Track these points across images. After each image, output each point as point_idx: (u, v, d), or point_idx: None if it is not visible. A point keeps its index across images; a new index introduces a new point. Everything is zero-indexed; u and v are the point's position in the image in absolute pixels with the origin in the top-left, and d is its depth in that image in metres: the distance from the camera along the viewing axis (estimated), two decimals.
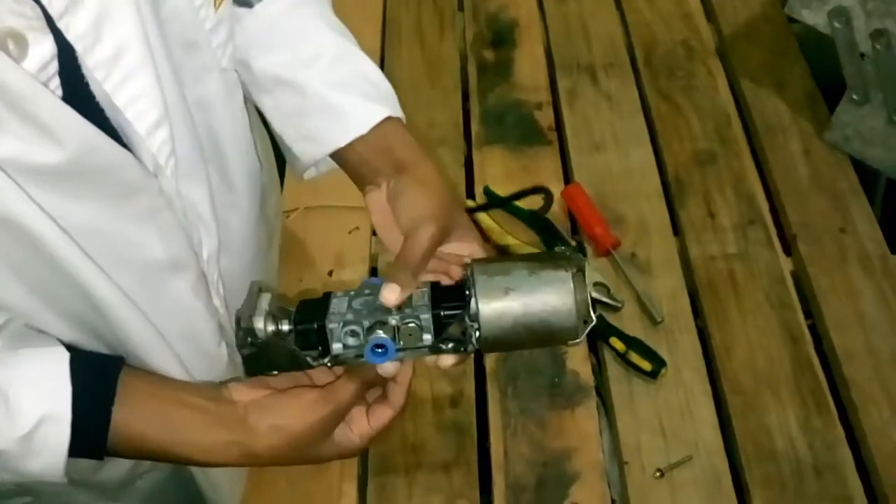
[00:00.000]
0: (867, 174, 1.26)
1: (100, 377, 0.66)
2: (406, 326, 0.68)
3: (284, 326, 0.69)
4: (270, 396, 0.69)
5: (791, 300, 1.11)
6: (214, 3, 0.73)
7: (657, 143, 1.29)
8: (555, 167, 1.26)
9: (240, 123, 0.81)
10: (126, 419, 0.66)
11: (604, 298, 1.09)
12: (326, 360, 0.69)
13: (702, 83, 1.36)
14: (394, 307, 0.67)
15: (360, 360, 0.69)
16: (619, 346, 1.05)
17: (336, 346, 0.68)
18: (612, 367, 1.05)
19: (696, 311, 1.11)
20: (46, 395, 0.63)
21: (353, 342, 0.68)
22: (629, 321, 1.08)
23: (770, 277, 1.13)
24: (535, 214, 1.19)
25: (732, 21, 1.45)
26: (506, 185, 1.23)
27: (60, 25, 0.59)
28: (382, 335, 0.67)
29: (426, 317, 0.68)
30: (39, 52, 0.57)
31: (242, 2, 0.81)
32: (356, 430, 0.72)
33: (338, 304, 0.69)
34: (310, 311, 0.69)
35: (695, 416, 1.01)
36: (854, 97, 1.20)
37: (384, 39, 1.44)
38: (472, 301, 0.67)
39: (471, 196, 1.23)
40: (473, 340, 0.68)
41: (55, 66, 0.59)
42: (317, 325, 0.68)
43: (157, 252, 0.70)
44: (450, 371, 1.03)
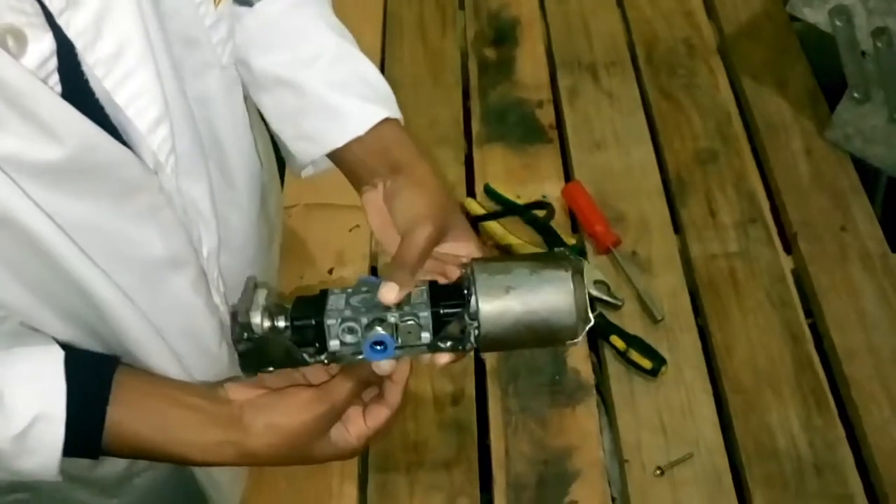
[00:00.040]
0: (868, 172, 1.25)
1: (95, 376, 0.66)
2: (405, 324, 0.67)
3: (281, 322, 0.69)
4: (266, 395, 0.69)
5: (792, 299, 1.11)
6: (214, 0, 0.73)
7: (658, 142, 1.29)
8: (555, 165, 1.26)
9: (240, 121, 0.81)
10: (121, 418, 0.66)
11: (604, 296, 1.09)
12: (323, 357, 0.69)
13: (703, 81, 1.36)
14: (392, 305, 0.67)
15: (357, 358, 0.69)
16: (620, 345, 1.05)
17: (333, 343, 0.68)
18: (613, 366, 1.05)
19: (697, 310, 1.11)
20: (40, 394, 0.63)
21: (351, 339, 0.68)
22: (630, 319, 1.08)
23: (771, 276, 1.13)
24: (537, 221, 1.18)
25: (734, 19, 1.45)
26: (506, 184, 1.23)
27: (60, 22, 0.58)
28: (382, 332, 0.67)
29: (425, 315, 0.68)
30: (39, 49, 0.57)
31: (242, 0, 0.81)
32: (353, 431, 0.72)
33: (335, 301, 0.69)
34: (307, 308, 0.69)
35: (695, 415, 1.01)
36: (855, 95, 1.20)
37: (385, 37, 1.44)
38: (473, 299, 0.67)
39: (471, 194, 1.23)
40: (472, 339, 0.68)
41: (54, 63, 0.59)
42: (314, 322, 0.68)
43: (158, 250, 0.70)
44: (451, 369, 1.04)
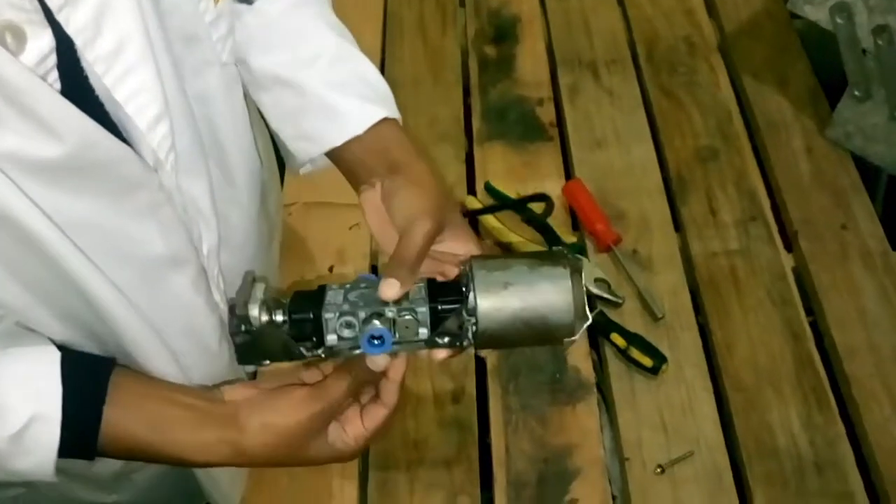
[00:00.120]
0: (869, 171, 1.25)
1: (91, 377, 0.66)
2: (403, 319, 0.67)
3: (278, 317, 0.69)
4: (261, 394, 0.70)
5: (792, 297, 1.11)
6: None
7: (658, 140, 1.29)
8: (556, 163, 1.26)
9: (240, 118, 0.81)
10: (117, 419, 0.65)
11: (605, 294, 1.09)
12: (320, 351, 0.69)
13: (703, 79, 1.36)
14: (392, 301, 0.67)
15: (354, 353, 0.69)
16: (620, 343, 1.04)
17: (330, 338, 0.68)
18: (613, 364, 1.05)
19: (698, 308, 1.11)
20: (36, 395, 0.63)
21: (348, 334, 0.68)
22: (630, 317, 1.08)
23: (771, 274, 1.13)
24: (535, 218, 1.18)
25: (734, 17, 1.44)
26: (507, 181, 1.23)
27: (60, 18, 0.58)
28: (380, 325, 0.67)
29: (423, 310, 0.68)
30: (38, 46, 0.57)
31: None
32: (351, 432, 0.72)
33: (333, 296, 0.69)
34: (304, 302, 0.69)
35: (696, 413, 1.01)
36: (856, 93, 1.20)
37: (385, 35, 1.44)
38: (471, 295, 0.67)
39: (472, 192, 1.23)
40: (470, 335, 0.68)
41: (54, 60, 0.58)
42: (312, 315, 0.68)
43: (158, 247, 0.70)
44: (451, 368, 1.04)
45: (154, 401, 0.68)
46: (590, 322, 0.68)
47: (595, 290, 1.09)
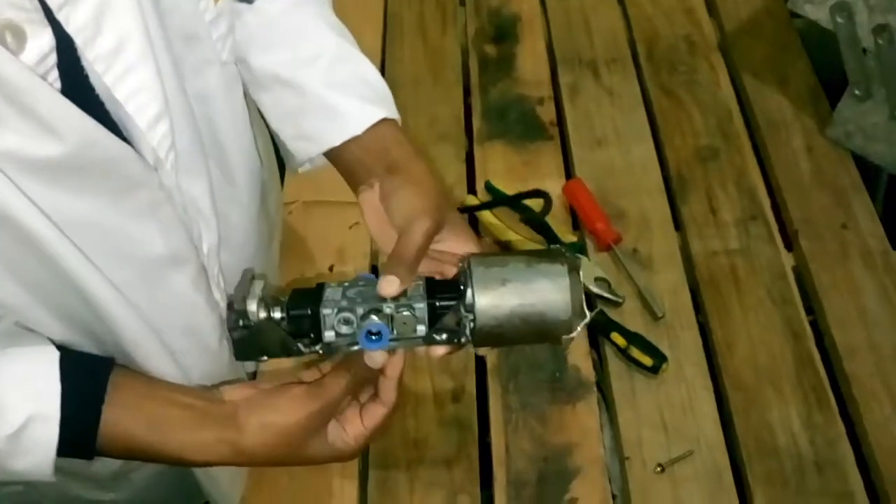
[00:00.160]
0: (869, 170, 1.25)
1: (90, 377, 0.66)
2: (400, 315, 0.68)
3: (277, 314, 0.69)
4: (260, 394, 0.70)
5: (792, 296, 1.11)
6: None
7: (659, 139, 1.29)
8: (556, 162, 1.26)
9: (240, 117, 0.81)
10: (116, 419, 0.65)
11: (605, 294, 1.09)
12: (318, 348, 0.69)
13: (704, 78, 1.36)
14: (390, 298, 0.68)
15: (352, 349, 0.69)
16: (620, 342, 1.04)
17: (328, 334, 0.68)
18: (613, 363, 1.05)
19: (698, 307, 1.11)
20: (35, 394, 0.63)
21: (346, 330, 0.68)
22: (630, 316, 1.08)
23: (771, 273, 1.13)
24: (533, 218, 1.18)
25: (734, 16, 1.44)
26: (507, 181, 1.22)
27: (60, 17, 0.58)
28: (378, 321, 0.67)
29: (421, 306, 0.68)
30: (38, 45, 0.57)
31: None
32: (351, 432, 0.72)
33: (332, 293, 0.69)
34: (303, 299, 0.70)
35: (696, 412, 1.01)
36: (856, 92, 1.20)
37: (385, 35, 1.44)
38: (469, 291, 0.67)
39: (472, 191, 1.23)
40: (467, 332, 0.68)
41: (54, 59, 0.58)
42: (310, 311, 0.68)
43: (158, 247, 0.70)
44: (451, 367, 1.04)
45: (153, 401, 0.68)
46: (587, 320, 0.68)
47: (595, 290, 1.09)
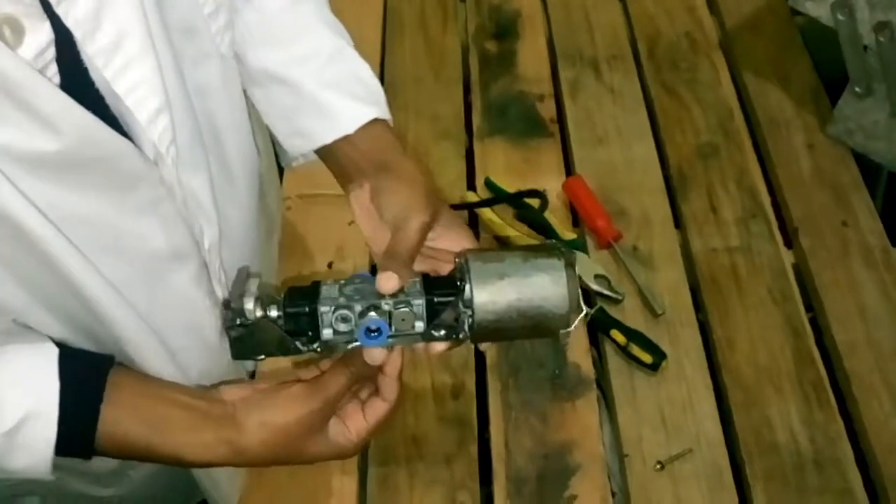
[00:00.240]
0: (869, 167, 1.25)
1: (90, 375, 0.65)
2: (399, 311, 0.68)
3: (273, 312, 0.69)
4: (259, 393, 0.69)
5: (793, 293, 1.11)
6: None
7: (660, 136, 1.29)
8: (557, 159, 1.26)
9: (238, 111, 0.81)
10: (115, 418, 0.65)
11: (605, 291, 1.09)
12: (316, 346, 0.69)
13: (705, 76, 1.36)
14: (388, 295, 0.67)
15: (350, 347, 0.69)
16: (620, 339, 1.04)
17: (326, 332, 0.68)
18: (614, 360, 1.05)
19: (698, 305, 1.11)
20: (33, 392, 0.63)
21: (344, 328, 0.68)
22: (630, 314, 1.08)
23: (772, 271, 1.13)
24: (532, 216, 1.18)
25: (736, 13, 1.44)
26: (507, 178, 1.22)
27: (59, 11, 0.58)
28: (377, 317, 0.67)
29: (419, 302, 0.68)
30: (36, 39, 0.57)
31: None
32: (352, 427, 0.72)
33: (328, 291, 0.69)
34: (299, 297, 0.69)
35: (696, 410, 1.01)
36: (857, 90, 1.20)
37: (385, 32, 1.44)
38: (467, 286, 0.67)
39: (472, 188, 1.23)
40: (466, 327, 0.68)
41: (52, 53, 0.58)
42: (308, 309, 0.68)
43: (159, 243, 0.69)
44: (451, 363, 1.04)
45: (152, 400, 0.68)
46: (584, 314, 0.69)
47: (595, 287, 1.09)
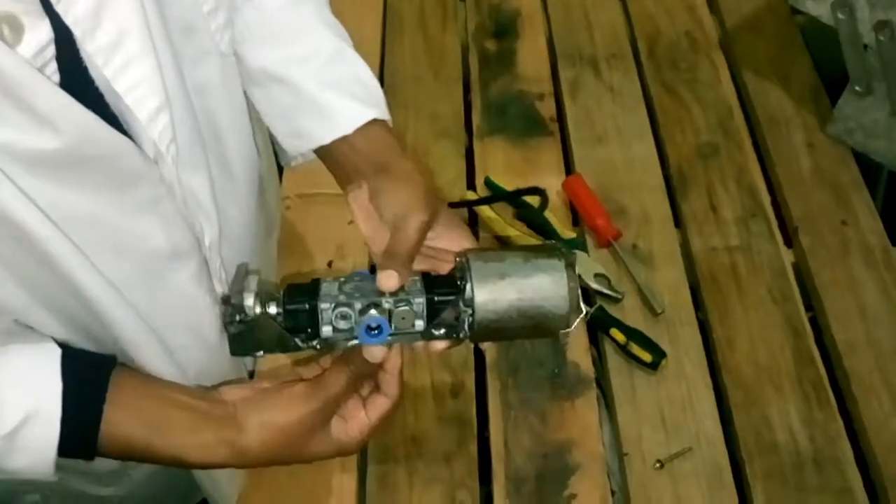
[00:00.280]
0: (869, 167, 1.25)
1: (92, 375, 0.65)
2: (399, 310, 0.68)
3: (272, 309, 0.69)
4: (259, 393, 0.69)
5: (792, 293, 1.11)
6: None
7: (659, 136, 1.29)
8: (556, 158, 1.26)
9: (238, 110, 0.81)
10: (117, 419, 0.65)
11: (605, 290, 1.09)
12: (315, 343, 0.69)
13: (705, 75, 1.36)
14: (388, 293, 0.67)
15: (349, 344, 0.68)
16: (620, 338, 1.04)
17: (326, 329, 0.68)
18: (613, 359, 1.05)
19: (698, 304, 1.11)
20: (35, 392, 0.63)
21: (344, 325, 0.68)
22: (630, 313, 1.08)
23: (772, 270, 1.13)
24: (531, 215, 1.18)
25: (736, 13, 1.44)
26: (507, 177, 1.22)
27: (58, 9, 0.58)
28: (378, 315, 0.67)
29: (419, 301, 0.68)
30: (36, 38, 0.57)
31: None
32: (354, 424, 0.72)
33: (328, 288, 0.69)
34: (299, 294, 0.69)
35: (696, 409, 1.01)
36: (857, 89, 1.20)
37: (385, 30, 1.43)
38: (468, 285, 0.67)
39: (472, 187, 1.23)
40: (466, 326, 0.68)
41: (52, 51, 0.58)
42: (307, 306, 0.68)
43: (159, 242, 0.69)
44: (450, 362, 1.04)
45: (153, 401, 0.68)
46: (584, 314, 0.69)
47: (595, 286, 1.09)
